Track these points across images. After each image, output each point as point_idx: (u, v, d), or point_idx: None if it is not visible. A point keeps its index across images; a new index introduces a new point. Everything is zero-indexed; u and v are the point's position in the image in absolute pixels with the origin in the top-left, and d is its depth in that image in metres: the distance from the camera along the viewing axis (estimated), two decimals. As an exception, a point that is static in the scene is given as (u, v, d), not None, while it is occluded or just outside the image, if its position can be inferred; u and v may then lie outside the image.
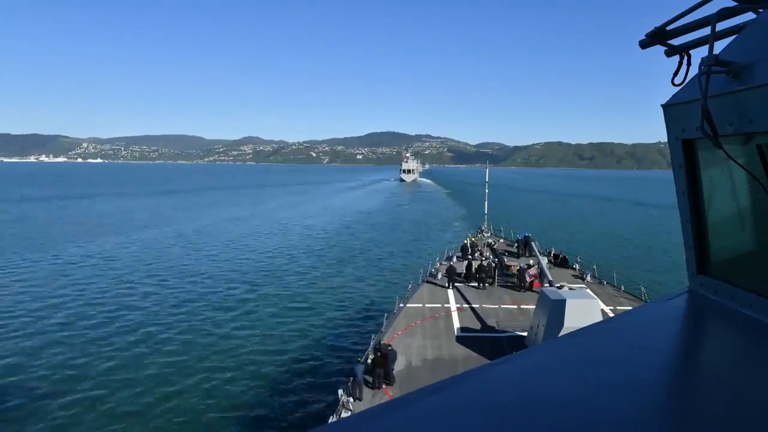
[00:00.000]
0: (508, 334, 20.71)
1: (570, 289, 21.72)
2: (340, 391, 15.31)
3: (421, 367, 17.35)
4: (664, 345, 2.88)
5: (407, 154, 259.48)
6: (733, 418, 1.99)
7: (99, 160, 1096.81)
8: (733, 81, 2.83)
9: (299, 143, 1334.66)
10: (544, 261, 29.33)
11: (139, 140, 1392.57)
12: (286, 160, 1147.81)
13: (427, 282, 27.88)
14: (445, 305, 24.22)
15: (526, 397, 2.09)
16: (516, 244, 36.75)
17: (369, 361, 16.51)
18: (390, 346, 17.12)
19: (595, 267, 31.14)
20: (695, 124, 3.10)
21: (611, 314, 21.50)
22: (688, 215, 3.66)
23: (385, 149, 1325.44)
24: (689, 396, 2.26)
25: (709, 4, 3.02)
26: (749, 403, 2.11)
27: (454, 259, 32.48)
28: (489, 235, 43.81)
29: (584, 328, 2.93)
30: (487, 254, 33.77)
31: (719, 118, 2.85)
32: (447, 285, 27.10)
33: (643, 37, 3.54)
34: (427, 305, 24.07)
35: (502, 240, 42.55)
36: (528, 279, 26.83)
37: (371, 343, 18.90)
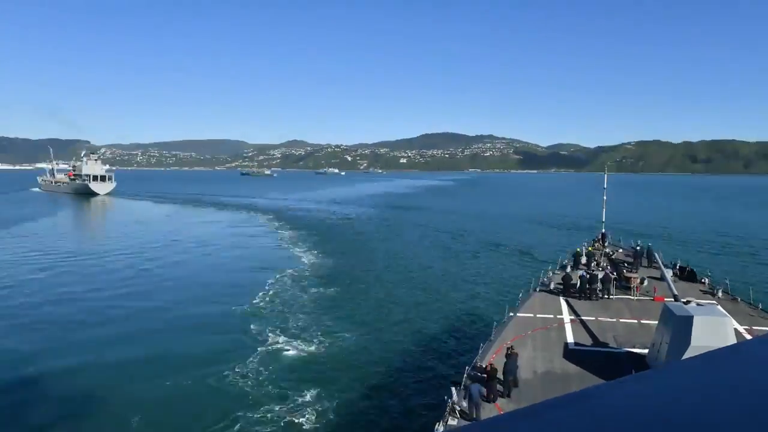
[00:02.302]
0: (626, 350, 20.22)
1: (698, 305, 19.98)
2: (447, 398, 15.75)
3: (531, 379, 17.53)
4: None
5: (91, 154, 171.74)
6: None
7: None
8: None
9: (339, 146, 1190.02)
10: (669, 273, 28.19)
11: (175, 146, 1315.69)
12: (318, 166, 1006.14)
13: (540, 291, 27.53)
14: (558, 316, 24.01)
15: (656, 422, 1.78)
16: (635, 254, 34.92)
17: (484, 374, 16.88)
18: (513, 351, 17.28)
19: (728, 282, 28.75)
20: None
21: (747, 335, 21.06)
22: None
23: (436, 152, 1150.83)
24: None
25: None
26: None
27: (569, 268, 31.63)
28: (607, 244, 41.57)
29: (720, 349, 2.59)
30: (605, 264, 33.29)
31: None
32: (560, 295, 27.07)
33: None
34: (538, 315, 23.91)
35: (621, 250, 40.15)
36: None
37: (479, 352, 19.45)
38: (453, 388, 15.98)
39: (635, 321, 23.65)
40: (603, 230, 44.21)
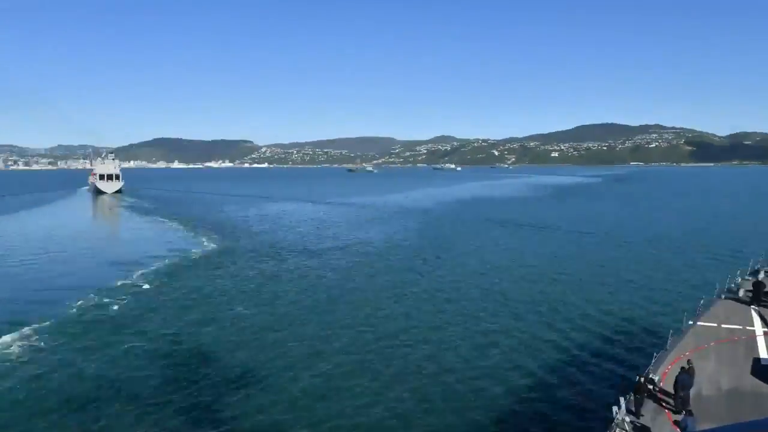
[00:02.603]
0: None
1: None
2: (615, 409, 14.77)
3: (713, 397, 16.19)
4: None
5: (109, 154, 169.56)
6: None
7: (264, 165, 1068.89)
8: None
9: (486, 141, 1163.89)
10: None
11: (328, 144, 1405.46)
12: (462, 161, 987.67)
13: (725, 299, 25.30)
14: (748, 328, 21.69)
15: None
16: None
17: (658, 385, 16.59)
18: (691, 364, 16.39)
19: None
20: None
21: None
22: None
23: (592, 144, 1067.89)
24: None
25: None
26: None
27: (762, 274, 28.50)
28: None
29: None
30: None
31: None
32: (751, 304, 24.36)
33: None
34: (723, 326, 21.79)
35: None
36: None
37: (652, 362, 18.43)
38: (621, 398, 15.34)
39: None
40: None
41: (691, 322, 21.64)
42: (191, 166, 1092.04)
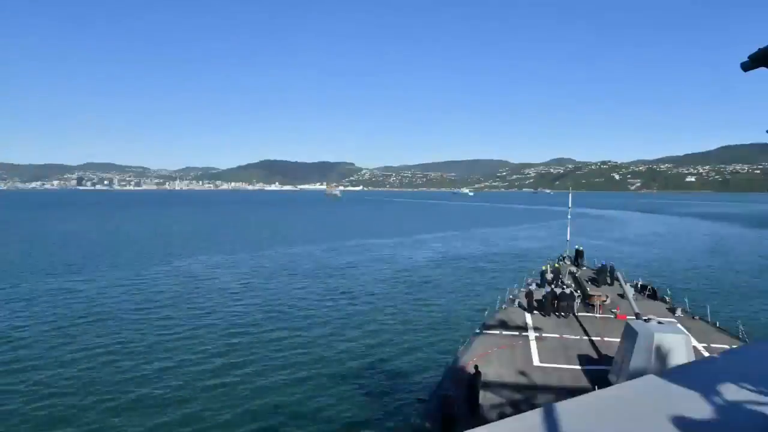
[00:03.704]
0: (589, 367, 20.39)
1: (659, 323, 20.32)
2: (412, 416, 15.76)
3: (496, 396, 17.78)
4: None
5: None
6: None
7: (359, 188, 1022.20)
8: None
9: (606, 163, 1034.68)
10: (631, 292, 29.15)
11: (434, 167, 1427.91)
12: (577, 185, 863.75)
13: (505, 308, 28.38)
14: (523, 334, 24.37)
15: None
16: (598, 273, 36.67)
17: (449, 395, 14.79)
18: (478, 369, 17.92)
19: (686, 300, 30.29)
20: None
21: (705, 352, 21.66)
22: None
23: (740, 167, 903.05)
24: None
25: None
26: None
27: (534, 286, 32.69)
28: (570, 263, 42.96)
29: (680, 366, 2.82)
30: (569, 282, 33.69)
31: None
32: (526, 313, 27.66)
33: (745, 59, 3.06)
34: (504, 333, 24.29)
35: (585, 268, 41.32)
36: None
37: (444, 370, 20.06)
38: (419, 405, 15.86)
39: (599, 338, 23.60)
40: (577, 247, 44.07)
41: (477, 331, 23.43)
42: (286, 188, 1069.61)
